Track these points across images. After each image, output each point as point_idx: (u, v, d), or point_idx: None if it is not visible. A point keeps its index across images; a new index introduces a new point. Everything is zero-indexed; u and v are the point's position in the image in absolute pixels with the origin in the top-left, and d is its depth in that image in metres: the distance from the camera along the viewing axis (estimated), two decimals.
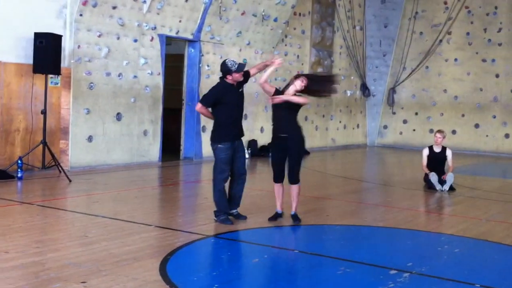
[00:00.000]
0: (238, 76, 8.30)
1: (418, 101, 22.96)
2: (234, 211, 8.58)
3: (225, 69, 8.27)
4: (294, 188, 8.58)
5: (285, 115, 8.51)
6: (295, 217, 8.57)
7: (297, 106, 8.48)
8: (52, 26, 12.30)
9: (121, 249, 6.68)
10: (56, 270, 5.80)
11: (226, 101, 8.29)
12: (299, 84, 8.44)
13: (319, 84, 8.79)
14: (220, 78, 8.49)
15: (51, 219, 8.20)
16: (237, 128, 8.46)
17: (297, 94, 8.49)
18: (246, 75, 8.54)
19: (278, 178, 8.66)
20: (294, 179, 8.56)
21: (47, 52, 11.60)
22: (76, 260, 6.18)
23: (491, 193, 12.17)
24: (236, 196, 8.60)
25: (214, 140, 8.37)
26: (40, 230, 7.55)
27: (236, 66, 8.24)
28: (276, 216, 8.65)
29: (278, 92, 8.58)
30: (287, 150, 8.51)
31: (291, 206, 8.62)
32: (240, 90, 8.47)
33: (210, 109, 8.44)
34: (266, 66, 8.84)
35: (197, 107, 8.49)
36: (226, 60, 8.40)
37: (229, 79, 8.31)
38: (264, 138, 18.13)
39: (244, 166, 8.64)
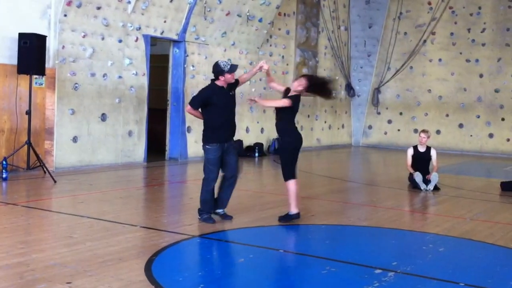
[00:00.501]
0: (230, 77, 8.29)
1: (403, 101, 23.07)
2: (220, 211, 8.58)
3: (218, 69, 8.26)
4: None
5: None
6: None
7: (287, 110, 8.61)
8: (36, 27, 12.25)
9: (106, 249, 6.67)
10: (41, 271, 5.78)
11: (215, 103, 8.27)
12: (295, 85, 8.64)
13: (318, 86, 8.91)
14: (212, 80, 8.47)
15: (36, 219, 8.17)
16: (226, 129, 8.43)
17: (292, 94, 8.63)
18: (236, 82, 8.56)
19: None
20: None
21: (31, 52, 11.55)
22: (61, 260, 6.17)
23: (475, 192, 12.25)
24: (224, 198, 8.60)
25: (203, 141, 8.42)
26: (24, 230, 7.52)
27: (229, 67, 8.25)
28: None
29: (288, 91, 8.73)
30: None
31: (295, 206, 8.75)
32: (231, 93, 8.44)
33: (200, 110, 8.44)
34: (256, 73, 9.05)
35: (187, 108, 8.59)
36: (219, 61, 8.39)
37: (221, 80, 8.29)
38: (250, 138, 18.17)
39: (235, 168, 8.56)
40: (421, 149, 12.72)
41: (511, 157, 20.55)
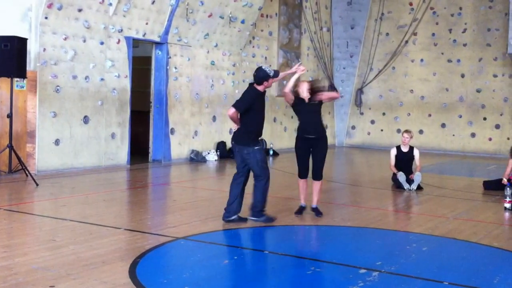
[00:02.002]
0: (272, 83, 8.51)
1: (385, 101, 23.16)
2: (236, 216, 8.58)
3: (264, 75, 8.38)
4: (318, 184, 9.24)
5: (312, 117, 9.08)
6: (316, 210, 9.21)
7: (319, 106, 9.05)
8: (17, 29, 12.18)
9: (89, 252, 6.63)
10: (24, 275, 5.74)
11: (256, 107, 8.47)
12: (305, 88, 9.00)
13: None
14: (250, 84, 8.61)
15: (18, 223, 8.11)
16: (261, 132, 8.70)
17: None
18: None
19: (303, 175, 9.27)
20: (319, 176, 9.22)
21: (12, 55, 11.46)
22: (44, 264, 6.12)
23: (458, 191, 12.31)
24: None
25: (249, 144, 8.44)
26: (7, 234, 7.46)
27: (273, 72, 8.46)
28: (301, 210, 9.28)
29: (299, 98, 9.10)
30: (312, 149, 9.12)
31: (313, 200, 9.27)
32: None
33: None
34: (288, 75, 9.30)
35: (230, 112, 8.39)
36: (263, 67, 8.58)
37: (264, 85, 8.44)
38: None
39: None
40: (404, 149, 12.77)
41: (493, 157, 20.69)
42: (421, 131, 22.27)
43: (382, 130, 23.25)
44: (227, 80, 17.98)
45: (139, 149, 15.86)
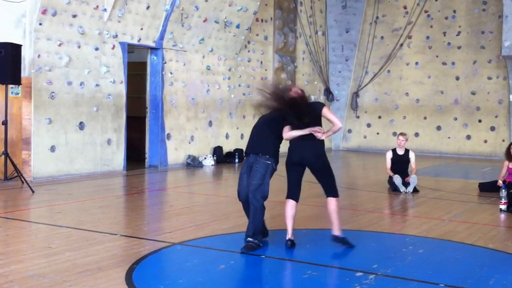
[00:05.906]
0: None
1: (381, 104, 23.19)
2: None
3: None
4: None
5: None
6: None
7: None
8: (11, 36, 12.18)
9: (85, 259, 6.62)
10: (19, 282, 5.73)
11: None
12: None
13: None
14: None
15: (14, 230, 8.10)
16: (252, 142, 8.10)
17: None
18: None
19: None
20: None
21: (6, 62, 11.45)
22: (40, 271, 6.11)
23: (453, 193, 12.33)
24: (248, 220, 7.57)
25: None
26: (2, 242, 7.44)
27: None
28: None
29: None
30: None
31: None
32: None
33: None
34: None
35: None
36: None
37: None
38: (229, 145, 18.14)
39: (251, 188, 7.73)
40: (400, 151, 12.79)
41: (488, 159, 20.72)
42: (416, 134, 22.31)
43: (378, 133, 23.28)
44: (223, 85, 17.99)
45: (135, 154, 15.85)
